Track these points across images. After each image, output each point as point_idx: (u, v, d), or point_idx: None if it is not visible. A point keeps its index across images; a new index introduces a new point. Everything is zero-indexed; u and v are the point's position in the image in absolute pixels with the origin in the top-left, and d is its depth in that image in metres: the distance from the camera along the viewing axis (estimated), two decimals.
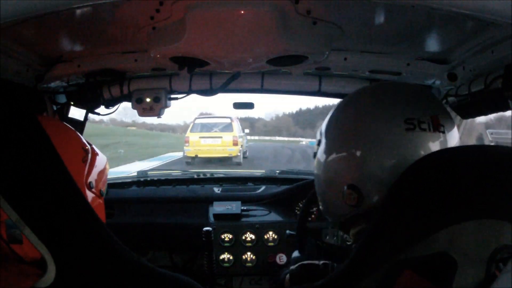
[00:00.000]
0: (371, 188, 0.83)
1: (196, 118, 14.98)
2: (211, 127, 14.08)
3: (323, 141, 0.95)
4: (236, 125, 14.35)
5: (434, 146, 0.81)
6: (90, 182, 0.97)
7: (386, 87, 0.94)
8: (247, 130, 16.62)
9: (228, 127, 13.93)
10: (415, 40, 1.23)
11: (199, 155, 13.38)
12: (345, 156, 0.87)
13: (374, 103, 0.87)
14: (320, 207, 1.00)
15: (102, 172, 1.05)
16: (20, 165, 0.70)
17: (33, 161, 0.71)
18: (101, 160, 1.06)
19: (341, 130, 0.91)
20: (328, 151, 0.92)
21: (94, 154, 1.03)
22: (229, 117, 14.37)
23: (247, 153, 16.34)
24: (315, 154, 1.00)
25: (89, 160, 0.99)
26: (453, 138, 0.85)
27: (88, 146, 1.03)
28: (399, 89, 0.91)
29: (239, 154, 13.57)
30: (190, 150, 13.36)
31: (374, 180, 0.83)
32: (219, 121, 14.22)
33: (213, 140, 13.47)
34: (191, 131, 13.99)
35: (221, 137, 13.48)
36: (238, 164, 13.28)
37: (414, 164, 0.74)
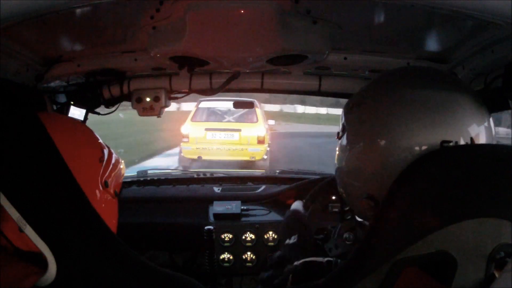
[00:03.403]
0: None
1: (201, 101, 9.13)
2: (223, 115, 9.29)
3: (346, 133, 0.93)
4: (261, 113, 9.27)
5: None
6: (105, 182, 0.95)
7: (423, 95, 0.81)
8: (271, 121, 10.50)
9: (249, 115, 8.95)
10: (415, 40, 1.23)
11: (204, 157, 8.40)
12: (369, 152, 0.85)
13: (408, 113, 0.80)
14: (343, 194, 1.00)
15: (116, 171, 1.03)
16: (21, 163, 0.70)
17: (33, 159, 0.71)
18: (116, 160, 1.05)
19: (367, 127, 0.86)
20: (351, 145, 0.90)
21: (110, 153, 1.02)
22: (252, 100, 7.35)
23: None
24: (338, 134, 0.98)
25: (105, 161, 0.98)
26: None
27: (105, 145, 1.02)
28: (439, 99, 0.80)
29: (265, 157, 8.76)
30: (190, 149, 8.53)
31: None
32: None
33: (226, 135, 8.64)
34: (192, 119, 8.94)
35: (239, 131, 8.64)
36: None
37: (414, 163, 0.74)
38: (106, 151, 0.99)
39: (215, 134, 8.72)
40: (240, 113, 9.17)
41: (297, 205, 1.45)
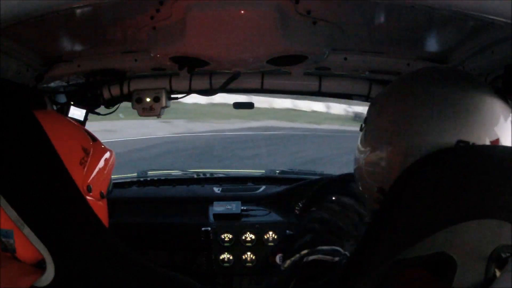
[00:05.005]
0: None
1: None
2: None
3: (366, 129, 0.90)
4: None
5: None
6: (88, 186, 0.90)
7: (445, 90, 0.77)
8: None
9: None
10: (415, 40, 1.23)
11: None
12: (388, 149, 0.81)
13: (426, 110, 0.76)
14: (360, 188, 0.96)
15: (104, 171, 0.97)
16: (19, 164, 0.70)
17: (31, 160, 0.71)
18: (105, 157, 0.98)
19: (383, 125, 0.84)
20: (370, 141, 0.87)
21: (98, 152, 0.96)
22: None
23: None
24: (361, 127, 0.95)
25: (88, 162, 0.91)
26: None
27: (91, 143, 0.95)
28: (460, 94, 0.76)
29: None
30: None
31: None
32: None
33: None
34: None
35: None
36: None
37: (414, 164, 0.74)
38: (90, 152, 0.92)
39: None
40: None
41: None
